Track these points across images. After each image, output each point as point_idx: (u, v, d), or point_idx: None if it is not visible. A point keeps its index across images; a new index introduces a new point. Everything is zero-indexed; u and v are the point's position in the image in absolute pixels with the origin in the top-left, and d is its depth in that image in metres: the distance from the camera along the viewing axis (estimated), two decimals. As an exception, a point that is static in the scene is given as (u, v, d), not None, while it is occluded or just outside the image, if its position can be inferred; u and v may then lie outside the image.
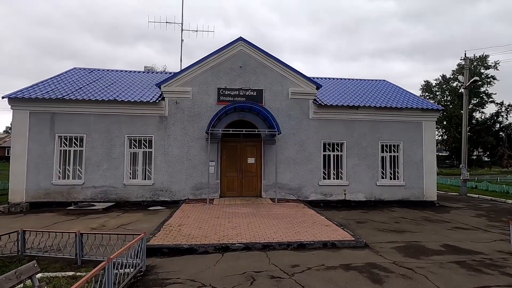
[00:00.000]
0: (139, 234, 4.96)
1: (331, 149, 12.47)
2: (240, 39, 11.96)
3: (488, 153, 52.05)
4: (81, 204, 10.71)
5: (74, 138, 11.47)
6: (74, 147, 11.49)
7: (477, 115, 50.45)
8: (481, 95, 48.87)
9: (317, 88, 12.32)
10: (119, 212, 10.07)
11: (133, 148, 11.77)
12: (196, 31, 16.69)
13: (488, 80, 47.15)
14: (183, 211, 9.18)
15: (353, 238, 6.38)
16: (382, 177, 12.60)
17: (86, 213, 9.82)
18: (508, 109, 50.61)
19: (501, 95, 64.65)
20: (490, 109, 58.37)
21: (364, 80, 16.38)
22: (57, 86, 12.31)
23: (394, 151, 12.76)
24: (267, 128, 11.47)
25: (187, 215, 8.59)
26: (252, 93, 12.00)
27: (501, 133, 51.47)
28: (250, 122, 11.81)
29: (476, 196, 16.12)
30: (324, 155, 12.38)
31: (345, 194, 12.26)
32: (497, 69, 48.01)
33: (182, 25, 16.74)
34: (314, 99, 12.34)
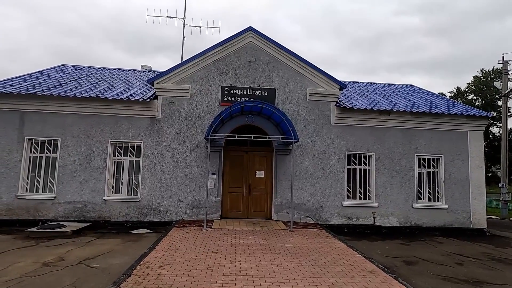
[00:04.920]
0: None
1: (356, 162, 10.30)
2: (250, 29, 10.06)
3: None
4: (48, 224, 8.60)
5: (47, 143, 9.49)
6: (46, 153, 9.49)
7: (494, 129, 48.07)
8: (498, 109, 46.52)
9: (341, 89, 10.28)
10: (92, 237, 7.95)
11: (118, 156, 9.73)
12: (200, 27, 14.90)
13: (507, 93, 44.84)
14: (172, 239, 7.02)
15: (422, 300, 4.15)
16: (420, 198, 10.33)
17: (50, 237, 7.73)
18: (528, 124, 48.04)
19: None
20: (509, 123, 55.49)
21: (389, 84, 14.34)
22: (34, 81, 10.46)
23: (433, 166, 10.53)
24: (281, 135, 9.40)
25: (175, 246, 6.43)
26: (262, 93, 9.99)
27: (520, 149, 48.68)
28: (259, 128, 9.76)
29: (523, 221, 13.69)
30: (349, 169, 10.19)
31: (374, 217, 10.00)
32: (516, 82, 45.79)
33: (184, 20, 15.00)
34: (337, 102, 10.28)
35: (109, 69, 13.64)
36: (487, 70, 46.97)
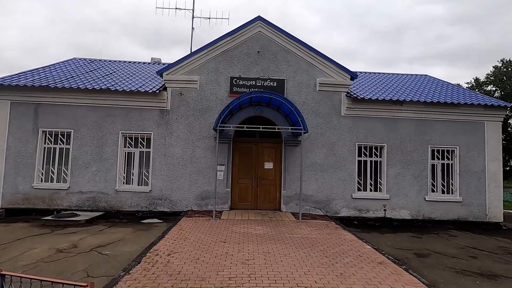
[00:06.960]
0: (82, 287, 2.88)
1: (367, 153, 10.11)
2: (259, 18, 9.91)
3: (525, 163, 47.38)
4: (63, 213, 8.86)
5: (61, 134, 9.71)
6: (59, 144, 9.72)
7: (512, 121, 46.30)
8: (518, 101, 44.67)
9: (352, 79, 10.05)
10: (104, 225, 8.13)
11: (128, 147, 9.87)
12: (209, 18, 14.81)
13: (527, 84, 42.92)
14: (181, 229, 7.11)
15: (432, 292, 4.06)
16: (433, 190, 10.09)
17: (64, 226, 7.96)
18: (550, 117, 45.96)
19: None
20: (527, 115, 53.07)
21: (404, 74, 13.93)
22: (47, 74, 10.67)
23: (448, 158, 10.23)
24: (290, 126, 9.30)
25: (184, 235, 6.50)
26: (271, 83, 9.88)
27: (541, 142, 46.73)
28: (268, 119, 9.69)
29: (542, 215, 13.18)
30: (359, 161, 10.03)
31: (385, 210, 9.84)
32: (538, 72, 43.66)
33: (193, 12, 14.92)
34: (347, 92, 10.07)
35: (120, 61, 13.75)
36: (507, 60, 44.74)
